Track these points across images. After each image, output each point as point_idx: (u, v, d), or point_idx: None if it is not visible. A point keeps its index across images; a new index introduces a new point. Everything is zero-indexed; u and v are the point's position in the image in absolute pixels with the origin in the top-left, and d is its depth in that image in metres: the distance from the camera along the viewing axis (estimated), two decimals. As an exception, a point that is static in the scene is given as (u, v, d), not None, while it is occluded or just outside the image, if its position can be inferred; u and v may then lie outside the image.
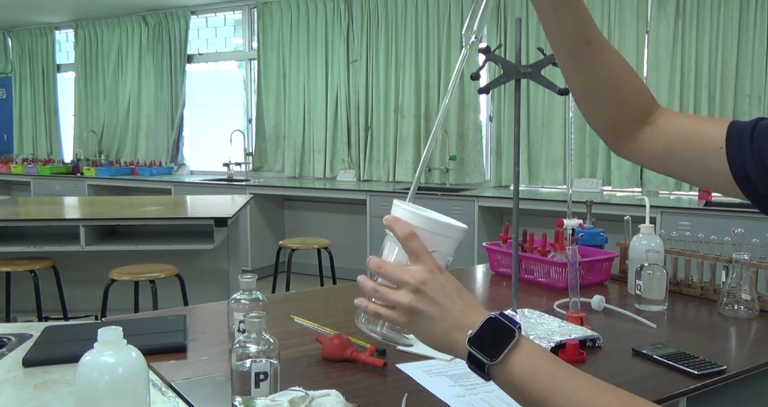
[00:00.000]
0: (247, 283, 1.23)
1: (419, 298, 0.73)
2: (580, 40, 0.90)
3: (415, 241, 0.74)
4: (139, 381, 0.88)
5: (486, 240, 2.94)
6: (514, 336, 0.69)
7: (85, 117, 7.75)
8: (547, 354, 0.71)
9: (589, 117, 0.98)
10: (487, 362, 0.69)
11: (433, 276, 0.73)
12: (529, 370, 0.68)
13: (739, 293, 1.60)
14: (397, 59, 5.74)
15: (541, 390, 0.67)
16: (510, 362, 0.69)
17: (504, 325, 0.70)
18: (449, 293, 0.73)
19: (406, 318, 0.73)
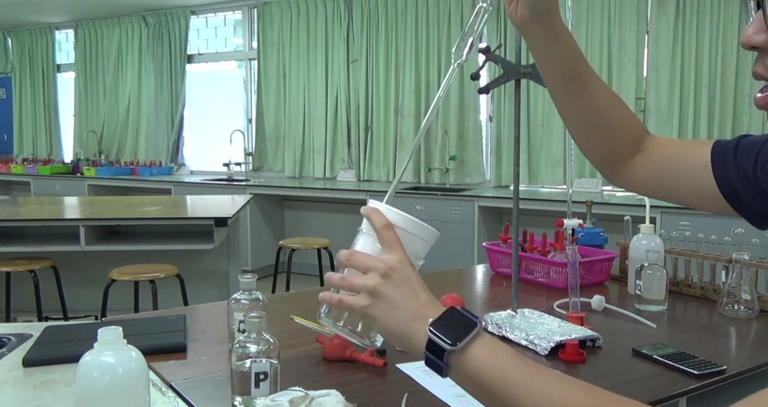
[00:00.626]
0: (247, 283, 1.23)
1: (385, 282, 0.72)
2: (571, 75, 0.92)
3: (390, 231, 0.75)
4: (139, 381, 0.88)
5: (486, 240, 2.95)
6: (476, 326, 0.68)
7: (85, 117, 7.75)
8: (507, 348, 0.69)
9: (585, 149, 1.00)
10: (447, 347, 0.67)
11: (403, 266, 0.74)
12: (489, 361, 0.67)
13: (739, 293, 1.60)
14: (397, 59, 5.74)
15: (501, 382, 0.66)
16: (470, 352, 0.67)
17: (466, 316, 0.70)
18: (415, 285, 0.73)
19: (368, 302, 0.72)
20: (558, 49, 0.90)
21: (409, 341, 0.72)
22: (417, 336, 0.70)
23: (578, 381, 0.67)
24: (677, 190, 0.94)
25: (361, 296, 0.73)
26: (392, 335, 0.73)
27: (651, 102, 4.69)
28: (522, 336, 1.36)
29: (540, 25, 0.89)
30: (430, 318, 0.70)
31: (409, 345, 0.72)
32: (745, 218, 0.87)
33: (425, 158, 5.67)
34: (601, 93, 0.94)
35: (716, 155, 0.88)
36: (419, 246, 0.79)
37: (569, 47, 0.91)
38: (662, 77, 4.63)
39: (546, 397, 0.64)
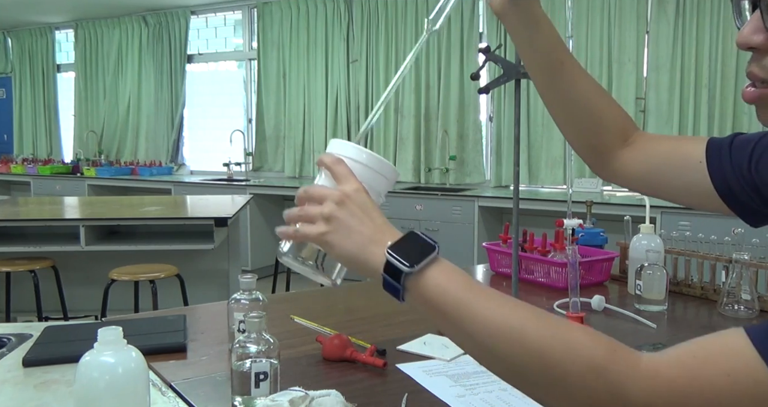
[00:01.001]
0: (247, 283, 1.23)
1: (341, 208, 0.72)
2: (553, 62, 0.92)
3: (341, 165, 0.76)
4: (139, 381, 0.88)
5: (486, 240, 2.94)
6: (434, 249, 0.69)
7: (85, 117, 7.75)
8: (464, 273, 0.69)
9: (571, 140, 1.00)
10: (405, 269, 0.67)
11: (358, 194, 0.74)
12: (444, 284, 0.67)
13: (739, 293, 1.60)
14: (397, 59, 5.74)
15: (455, 304, 0.66)
16: (426, 274, 0.67)
17: (425, 241, 0.70)
18: (371, 211, 0.73)
19: (325, 228, 0.73)
20: (539, 34, 0.90)
21: (366, 265, 0.71)
22: (375, 259, 0.70)
23: (531, 305, 0.67)
24: (669, 186, 0.93)
25: (317, 225, 0.73)
26: (349, 260, 0.73)
27: (651, 102, 4.69)
28: (522, 336, 1.36)
29: (520, 9, 0.88)
30: (389, 242, 0.70)
31: (367, 269, 0.71)
32: (739, 216, 0.87)
33: (425, 158, 5.67)
34: (583, 81, 0.94)
35: (711, 152, 0.87)
36: (379, 182, 0.79)
37: (550, 33, 0.90)
38: (662, 77, 4.63)
39: (496, 318, 0.64)
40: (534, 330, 0.63)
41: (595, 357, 0.59)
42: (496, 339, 0.64)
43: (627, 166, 0.96)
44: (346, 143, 0.80)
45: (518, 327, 0.63)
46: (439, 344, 1.35)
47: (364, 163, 0.78)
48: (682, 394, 0.56)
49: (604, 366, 0.59)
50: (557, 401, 0.63)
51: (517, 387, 0.65)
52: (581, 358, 0.60)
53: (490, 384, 1.16)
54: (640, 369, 0.58)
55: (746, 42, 0.63)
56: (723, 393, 0.54)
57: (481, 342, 0.65)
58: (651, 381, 0.57)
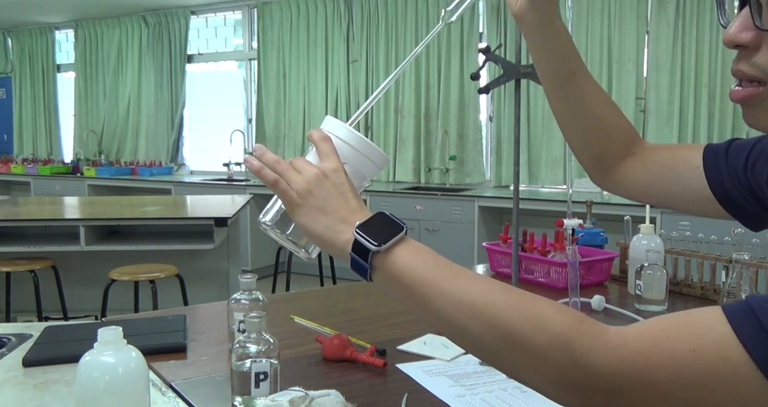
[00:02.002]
0: (247, 283, 1.23)
1: (318, 184, 0.74)
2: (566, 71, 0.92)
3: (327, 143, 0.77)
4: (139, 381, 0.88)
5: (486, 240, 2.94)
6: (402, 229, 0.70)
7: (85, 117, 7.75)
8: (432, 252, 0.70)
9: (576, 149, 1.00)
10: (372, 248, 0.68)
11: (337, 174, 0.75)
12: (411, 263, 0.68)
13: (739, 294, 1.59)
14: (397, 59, 5.74)
15: (422, 282, 0.66)
16: (394, 253, 0.68)
17: (393, 220, 0.71)
18: (346, 192, 0.74)
19: (298, 200, 0.74)
20: (555, 42, 0.90)
21: (335, 243, 0.73)
22: (343, 237, 0.72)
23: (499, 282, 0.67)
24: (669, 193, 0.94)
25: (293, 193, 0.75)
26: (318, 236, 0.74)
27: (651, 102, 4.69)
28: (522, 336, 1.36)
29: (539, 15, 0.88)
30: (358, 222, 0.71)
31: (336, 247, 0.73)
32: (738, 220, 0.87)
33: (425, 158, 5.67)
34: (594, 92, 0.95)
35: (707, 157, 0.88)
36: (365, 165, 0.80)
37: (565, 42, 0.91)
38: (662, 77, 4.63)
39: (463, 295, 0.64)
40: (500, 305, 0.63)
41: (561, 330, 0.59)
42: (464, 316, 0.64)
43: (627, 176, 0.97)
44: (338, 123, 0.80)
45: (484, 302, 0.63)
46: (439, 344, 1.35)
47: (352, 144, 0.79)
48: (647, 366, 0.55)
49: (570, 337, 0.59)
50: (527, 374, 0.63)
51: (488, 362, 0.66)
52: (547, 331, 0.60)
53: (490, 384, 1.16)
54: (606, 340, 0.58)
55: (733, 40, 0.63)
56: (686, 367, 0.54)
57: (449, 319, 0.65)
58: (617, 353, 0.57)
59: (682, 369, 0.54)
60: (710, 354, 0.53)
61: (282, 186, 0.75)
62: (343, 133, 0.80)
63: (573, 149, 1.01)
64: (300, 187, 0.74)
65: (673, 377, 0.54)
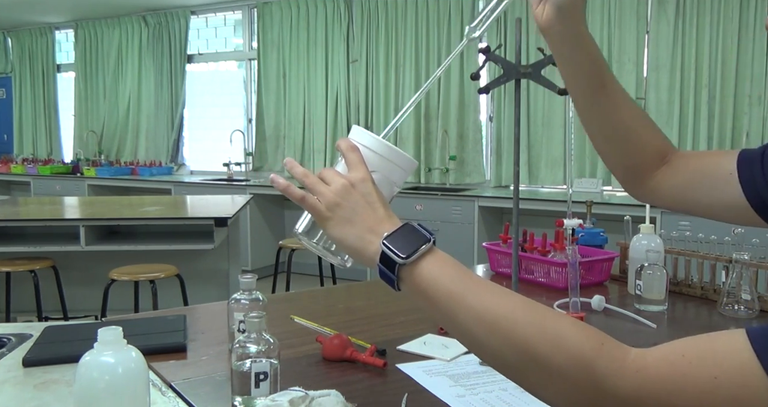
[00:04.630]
0: (247, 283, 1.23)
1: (346, 195, 0.75)
2: (595, 83, 0.91)
3: (355, 153, 0.78)
4: (139, 381, 0.88)
5: (486, 240, 2.94)
6: (428, 241, 0.70)
7: (85, 117, 7.75)
8: (457, 264, 0.71)
9: (607, 160, 0.99)
10: (398, 260, 0.69)
11: (365, 184, 0.76)
12: (436, 275, 0.68)
13: (739, 293, 1.60)
14: (397, 59, 5.74)
15: (446, 295, 0.67)
16: (420, 265, 0.69)
17: (420, 231, 0.71)
18: (374, 201, 0.75)
19: (327, 213, 0.75)
20: (582, 55, 0.89)
21: (364, 253, 0.73)
22: (372, 248, 0.72)
23: (521, 297, 0.68)
24: (702, 201, 0.92)
25: (322, 205, 0.76)
26: (347, 246, 0.75)
27: (651, 102, 4.69)
28: (522, 336, 1.36)
29: (565, 26, 0.87)
30: (386, 232, 0.71)
31: (365, 257, 0.73)
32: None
33: (425, 158, 5.67)
34: (624, 104, 0.93)
35: (742, 164, 0.86)
36: (393, 172, 0.82)
37: (593, 54, 0.90)
38: (662, 77, 4.63)
39: (487, 310, 0.65)
40: (522, 322, 0.63)
41: (583, 351, 0.60)
42: (486, 331, 0.64)
43: (661, 185, 0.96)
44: (364, 132, 0.82)
45: (506, 318, 0.64)
46: (439, 344, 1.35)
47: (380, 152, 0.80)
48: (668, 392, 0.55)
49: (591, 359, 0.59)
50: (547, 392, 0.63)
51: (509, 378, 0.66)
52: (569, 351, 0.60)
53: (490, 384, 1.16)
54: (627, 363, 0.58)
55: None
56: (707, 394, 0.54)
57: (472, 334, 0.65)
58: (638, 377, 0.57)
59: (703, 396, 0.54)
60: (732, 381, 0.53)
61: (309, 201, 0.76)
62: (369, 141, 0.81)
63: (604, 159, 1.00)
64: (328, 199, 0.75)
65: (693, 404, 0.54)
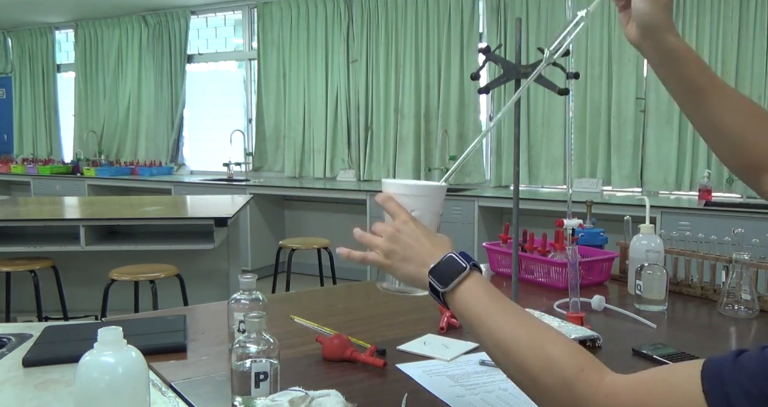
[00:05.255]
0: (247, 283, 1.23)
1: (395, 241, 0.89)
2: (694, 89, 0.94)
3: (390, 202, 0.93)
4: (139, 381, 0.88)
5: (486, 240, 2.94)
6: (464, 270, 0.83)
7: (85, 117, 7.75)
8: (488, 289, 0.83)
9: (722, 159, 1.01)
10: (440, 290, 0.84)
11: (407, 225, 0.90)
12: (469, 300, 0.82)
13: (739, 293, 1.60)
14: (397, 59, 5.74)
15: (476, 318, 0.81)
16: (457, 292, 0.83)
17: (458, 261, 0.84)
18: (419, 237, 0.89)
19: (386, 260, 0.90)
20: (673, 65, 0.93)
21: (422, 283, 0.87)
22: (425, 279, 0.86)
23: (532, 320, 0.80)
24: None
25: (379, 255, 0.91)
26: (414, 281, 0.89)
27: (651, 102, 4.69)
28: (522, 336, 1.36)
29: (651, 42, 0.93)
30: (432, 265, 0.85)
31: (424, 285, 0.87)
32: None
33: (425, 158, 5.67)
34: (729, 105, 0.94)
35: None
36: (430, 202, 0.95)
37: (686, 62, 0.93)
38: (662, 77, 4.62)
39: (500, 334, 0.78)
40: (524, 346, 0.75)
41: (566, 374, 0.70)
42: (500, 353, 0.78)
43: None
44: (391, 181, 0.95)
45: (514, 342, 0.76)
46: (439, 344, 1.35)
47: (409, 193, 0.94)
48: None
49: (572, 382, 0.70)
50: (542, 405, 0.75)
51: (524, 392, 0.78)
52: (555, 374, 0.71)
53: (490, 384, 1.16)
54: (600, 389, 0.68)
55: None
56: None
57: (492, 354, 0.80)
58: (606, 401, 0.67)
59: None
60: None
61: (370, 258, 0.92)
62: (398, 188, 0.94)
63: (720, 159, 1.01)
64: (383, 249, 0.90)
65: None
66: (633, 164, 4.78)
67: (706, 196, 4.33)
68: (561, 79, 1.43)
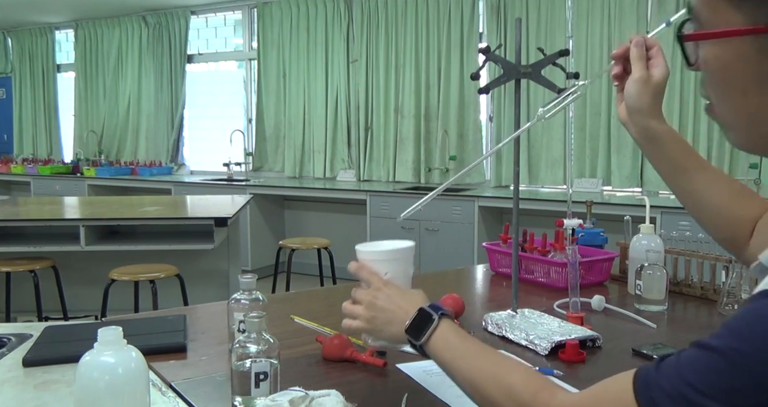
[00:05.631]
0: (247, 283, 1.23)
1: (373, 307, 0.99)
2: (676, 168, 1.02)
3: (362, 271, 1.04)
4: (139, 381, 0.88)
5: (486, 240, 2.94)
6: (433, 321, 0.92)
7: (85, 117, 7.75)
8: (456, 334, 0.92)
9: (705, 229, 1.06)
10: (416, 343, 0.94)
11: (381, 292, 1.00)
12: (440, 347, 0.92)
13: (739, 293, 1.60)
14: (397, 59, 5.74)
15: (448, 363, 0.90)
16: (431, 341, 0.92)
17: (426, 314, 0.94)
18: (394, 299, 0.98)
19: (369, 326, 1.00)
20: (655, 146, 1.01)
21: (404, 341, 0.97)
22: (404, 336, 0.96)
23: (493, 354, 0.89)
24: None
25: (361, 323, 1.01)
26: (396, 340, 0.99)
27: (651, 102, 4.68)
28: (522, 336, 1.36)
29: (635, 125, 1.02)
30: (407, 322, 0.95)
31: (406, 343, 0.97)
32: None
33: (425, 158, 5.67)
34: (712, 184, 0.99)
35: None
36: (401, 262, 1.05)
37: (668, 146, 1.01)
38: (662, 77, 4.62)
39: (466, 374, 0.87)
40: (487, 378, 0.84)
41: (524, 398, 0.78)
42: (468, 387, 0.88)
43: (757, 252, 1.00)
44: (362, 249, 1.05)
45: (480, 377, 0.85)
46: (439, 344, 1.35)
47: (381, 258, 1.04)
48: None
49: (530, 405, 0.78)
50: None
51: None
52: (515, 400, 0.80)
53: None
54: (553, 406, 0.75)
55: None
56: None
57: (463, 388, 0.89)
58: None
59: None
60: None
61: (354, 326, 1.02)
62: (368, 255, 1.04)
63: (705, 231, 1.06)
64: (364, 317, 1.00)
65: None
66: (633, 164, 4.78)
67: (706, 196, 4.33)
68: (561, 79, 1.43)
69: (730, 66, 0.66)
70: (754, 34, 0.62)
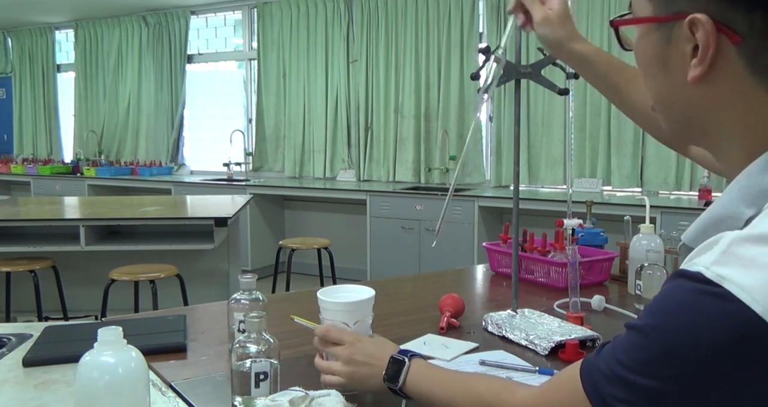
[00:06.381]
0: (247, 283, 1.23)
1: (349, 365, 1.03)
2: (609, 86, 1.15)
3: (331, 333, 1.07)
4: (139, 381, 0.88)
5: (486, 240, 2.95)
6: (405, 364, 0.98)
7: (85, 117, 7.75)
8: (428, 367, 0.99)
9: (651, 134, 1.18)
10: (395, 388, 0.98)
11: (355, 347, 1.04)
12: (416, 381, 0.97)
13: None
14: (397, 59, 5.74)
15: (429, 390, 0.95)
16: (408, 381, 0.97)
17: (398, 359, 0.99)
18: (369, 352, 1.03)
19: (349, 380, 1.03)
20: (587, 68, 1.12)
21: (385, 390, 1.01)
22: (383, 386, 1.01)
23: (462, 374, 0.96)
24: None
25: (341, 379, 1.03)
26: (377, 391, 1.03)
27: (651, 102, 4.68)
28: (522, 336, 1.36)
29: (562, 54, 1.12)
30: (383, 372, 1.00)
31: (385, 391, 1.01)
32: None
33: (425, 158, 5.67)
34: (642, 95, 1.06)
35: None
36: (363, 310, 1.10)
37: (597, 65, 1.11)
38: (662, 77, 4.62)
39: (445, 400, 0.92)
40: (459, 394, 0.90)
41: (490, 401, 0.84)
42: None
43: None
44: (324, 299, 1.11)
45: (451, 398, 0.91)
46: (439, 344, 1.35)
47: (346, 309, 1.08)
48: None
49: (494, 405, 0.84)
50: None
51: None
52: (483, 403, 0.86)
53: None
54: (515, 403, 0.80)
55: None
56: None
57: None
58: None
59: None
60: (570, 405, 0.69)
61: (335, 382, 1.04)
62: (335, 305, 1.09)
63: (651, 135, 1.18)
64: (345, 375, 1.03)
65: None
66: (633, 164, 4.78)
67: (706, 196, 4.33)
68: (561, 79, 1.43)
69: (644, 51, 0.74)
70: (657, 23, 0.70)
